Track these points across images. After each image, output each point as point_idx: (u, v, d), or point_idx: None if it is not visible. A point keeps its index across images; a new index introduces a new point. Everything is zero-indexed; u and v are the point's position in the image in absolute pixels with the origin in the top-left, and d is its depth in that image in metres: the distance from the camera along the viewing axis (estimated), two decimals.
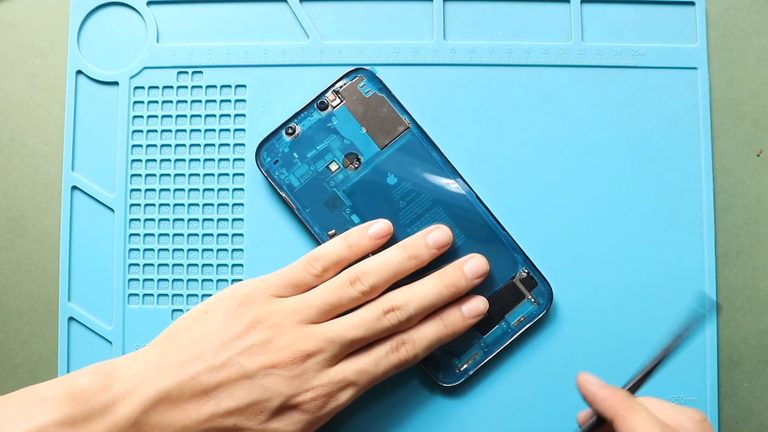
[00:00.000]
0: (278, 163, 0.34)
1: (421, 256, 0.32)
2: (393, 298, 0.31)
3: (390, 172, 0.34)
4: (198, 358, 0.29)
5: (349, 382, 0.30)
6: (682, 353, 0.34)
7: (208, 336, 0.29)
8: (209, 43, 0.36)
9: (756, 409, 0.35)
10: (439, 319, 0.32)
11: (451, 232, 0.33)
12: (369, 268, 0.31)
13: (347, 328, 0.30)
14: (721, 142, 0.36)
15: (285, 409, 0.29)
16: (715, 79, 0.36)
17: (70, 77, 0.36)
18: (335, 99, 0.34)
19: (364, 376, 0.30)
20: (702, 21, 0.36)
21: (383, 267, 0.31)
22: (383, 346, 0.31)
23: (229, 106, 0.36)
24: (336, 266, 0.31)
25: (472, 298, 0.32)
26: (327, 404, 0.29)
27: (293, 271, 0.31)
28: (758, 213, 0.36)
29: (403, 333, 0.31)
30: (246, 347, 0.29)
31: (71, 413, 0.27)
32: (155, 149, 0.35)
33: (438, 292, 0.31)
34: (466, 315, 0.32)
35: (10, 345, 0.35)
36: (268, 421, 0.29)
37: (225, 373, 0.28)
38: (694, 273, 0.35)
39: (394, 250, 0.32)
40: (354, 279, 0.31)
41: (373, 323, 0.30)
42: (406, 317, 0.30)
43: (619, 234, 0.35)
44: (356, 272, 0.31)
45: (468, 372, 0.33)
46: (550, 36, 0.36)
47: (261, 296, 0.30)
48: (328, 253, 0.32)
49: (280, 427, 0.29)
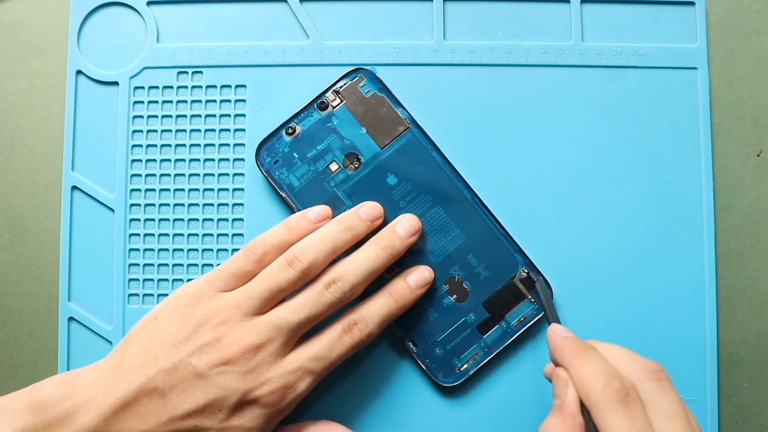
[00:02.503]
0: (278, 163, 0.34)
1: (356, 228, 0.32)
2: (332, 272, 0.30)
3: (390, 172, 0.34)
4: (151, 363, 0.29)
5: (305, 370, 0.29)
6: (682, 353, 0.34)
7: (159, 341, 0.29)
8: (209, 43, 0.36)
9: (756, 409, 0.35)
10: (386, 293, 0.32)
11: (381, 206, 0.33)
12: (305, 246, 0.31)
13: (291, 311, 0.30)
14: (721, 142, 0.36)
15: (243, 405, 0.29)
16: (715, 79, 0.36)
17: (70, 77, 0.36)
18: (335, 99, 0.34)
19: (319, 363, 0.30)
20: (702, 21, 0.36)
21: (319, 242, 0.31)
22: (335, 328, 0.30)
23: (229, 106, 0.36)
24: (276, 249, 0.31)
25: (416, 268, 0.33)
26: (286, 395, 0.29)
27: (234, 261, 0.31)
28: (758, 213, 0.36)
29: (353, 313, 0.31)
30: (196, 348, 0.29)
31: (32, 423, 0.27)
32: (155, 149, 0.35)
33: (375, 255, 0.31)
34: (413, 286, 0.32)
35: (10, 345, 0.35)
36: (228, 419, 0.28)
37: (178, 375, 0.28)
38: (694, 273, 0.35)
39: (330, 225, 0.32)
40: (291, 259, 0.30)
41: (316, 300, 0.30)
42: (350, 287, 0.30)
43: (619, 234, 0.35)
44: (293, 252, 0.30)
45: (468, 372, 0.33)
46: (550, 36, 0.36)
47: (206, 294, 0.30)
48: (267, 237, 0.31)
49: (241, 423, 0.29)
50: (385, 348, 0.34)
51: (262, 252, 0.31)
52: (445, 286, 0.34)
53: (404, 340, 0.34)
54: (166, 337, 0.29)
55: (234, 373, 0.29)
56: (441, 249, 0.34)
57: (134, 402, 0.28)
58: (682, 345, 0.34)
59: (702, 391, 0.34)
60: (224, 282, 0.30)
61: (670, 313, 0.34)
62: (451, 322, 0.34)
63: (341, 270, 0.31)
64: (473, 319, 0.34)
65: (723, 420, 0.34)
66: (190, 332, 0.29)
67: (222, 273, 0.31)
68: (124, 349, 0.30)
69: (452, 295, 0.34)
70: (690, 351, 0.34)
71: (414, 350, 0.34)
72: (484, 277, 0.34)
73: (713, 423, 0.34)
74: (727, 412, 0.35)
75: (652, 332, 0.34)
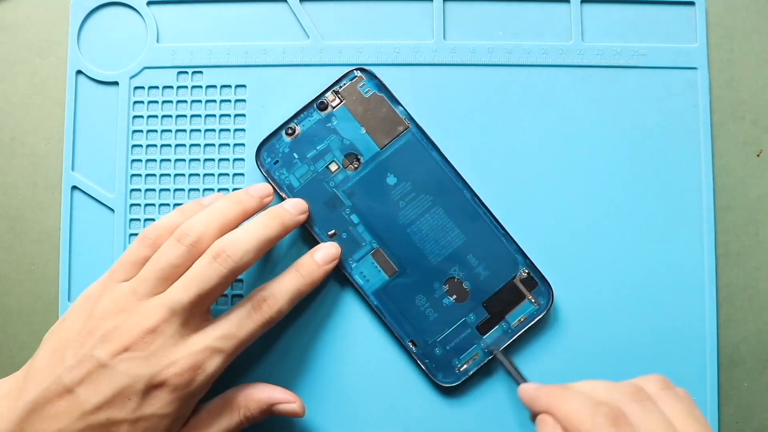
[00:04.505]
0: (278, 164, 0.34)
1: (245, 201, 0.32)
2: (219, 242, 0.30)
3: (390, 172, 0.34)
4: (58, 363, 0.29)
5: (213, 349, 0.29)
6: (682, 353, 0.34)
7: (65, 340, 0.29)
8: (209, 43, 0.36)
9: (756, 409, 0.35)
10: (294, 270, 0.32)
11: (270, 186, 0.33)
12: (193, 221, 0.30)
13: (181, 289, 0.29)
14: (721, 142, 0.36)
15: (151, 390, 0.28)
16: (715, 79, 0.36)
17: (70, 77, 0.36)
18: (335, 99, 0.34)
19: (228, 341, 0.29)
20: (702, 21, 0.36)
21: (207, 217, 0.31)
22: (244, 306, 0.30)
23: (229, 106, 0.36)
24: (169, 232, 0.31)
25: (323, 245, 0.33)
26: (195, 377, 0.29)
27: (129, 250, 0.31)
28: (758, 213, 0.36)
29: (262, 290, 0.31)
30: (98, 339, 0.29)
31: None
32: (155, 149, 0.35)
33: (264, 223, 0.31)
34: (320, 262, 0.32)
35: (10, 345, 0.35)
36: (139, 408, 0.28)
37: (83, 368, 0.28)
38: (694, 273, 0.35)
39: (219, 200, 0.32)
40: (180, 235, 0.30)
41: (204, 274, 0.29)
42: (239, 256, 0.30)
43: (619, 234, 0.35)
44: (182, 229, 0.30)
45: (468, 372, 0.33)
46: (550, 36, 0.36)
47: (106, 287, 0.30)
48: (160, 222, 0.31)
49: (154, 411, 0.28)
50: (385, 348, 0.34)
51: (156, 235, 0.31)
52: (445, 286, 0.34)
53: (404, 340, 0.34)
54: (70, 335, 0.29)
55: (136, 359, 0.28)
56: (441, 249, 0.34)
57: (45, 403, 0.28)
58: (682, 345, 0.34)
59: (702, 391, 0.34)
60: (123, 272, 0.30)
61: (670, 313, 0.34)
62: (451, 322, 0.34)
63: (228, 240, 0.30)
64: (473, 319, 0.34)
65: (723, 420, 0.34)
66: (93, 326, 0.29)
67: (120, 264, 0.31)
68: (36, 357, 0.29)
69: (452, 295, 0.34)
70: (690, 351, 0.34)
71: (414, 350, 0.34)
72: (484, 277, 0.34)
73: (713, 423, 0.34)
74: (727, 412, 0.35)
75: (652, 332, 0.34)
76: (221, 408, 0.30)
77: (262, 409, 0.30)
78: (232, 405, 0.30)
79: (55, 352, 0.29)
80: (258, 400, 0.31)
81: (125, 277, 0.30)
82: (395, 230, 0.34)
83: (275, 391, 0.31)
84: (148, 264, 0.30)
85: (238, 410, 0.30)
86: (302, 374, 0.34)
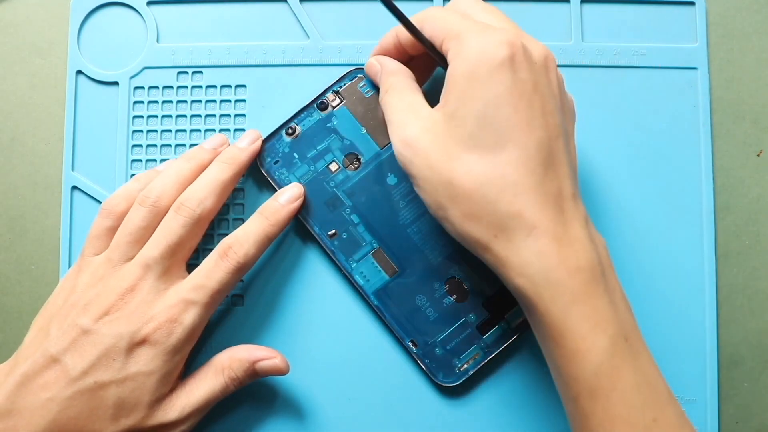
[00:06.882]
0: (278, 163, 0.34)
1: (199, 156, 0.33)
2: (180, 197, 0.31)
3: (390, 172, 0.34)
4: (45, 337, 0.30)
5: (187, 301, 0.30)
6: (682, 353, 0.34)
7: (50, 317, 0.31)
8: (209, 43, 0.36)
9: (756, 409, 0.35)
10: (258, 214, 0.32)
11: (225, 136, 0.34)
12: (153, 184, 0.32)
13: (151, 246, 0.31)
14: (721, 142, 0.36)
15: (134, 348, 0.29)
16: (715, 79, 0.36)
17: (70, 77, 0.36)
18: (335, 99, 0.34)
19: (201, 292, 0.30)
20: (702, 21, 0.36)
21: (164, 177, 0.32)
22: (211, 257, 0.31)
23: (229, 106, 0.36)
24: (127, 200, 0.32)
25: (286, 188, 0.33)
26: (173, 330, 0.30)
27: (93, 226, 0.32)
28: (758, 213, 0.36)
29: (227, 238, 0.31)
30: (81, 308, 0.30)
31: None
32: (155, 149, 0.35)
33: (217, 168, 0.32)
34: (283, 203, 0.33)
35: (10, 345, 0.35)
36: (124, 367, 0.29)
37: (68, 337, 0.29)
38: (694, 273, 0.35)
39: (174, 161, 0.33)
40: (141, 199, 0.31)
41: (170, 227, 0.31)
42: (197, 203, 0.31)
43: (618, 234, 0.35)
44: (143, 193, 0.32)
45: (468, 372, 0.33)
46: (550, 36, 0.36)
47: (82, 264, 0.31)
48: (117, 191, 0.33)
49: (139, 368, 0.29)
50: (385, 348, 0.34)
51: (112, 204, 0.32)
52: (445, 286, 0.34)
53: (404, 340, 0.34)
54: (54, 311, 0.31)
55: (117, 320, 0.29)
56: (441, 249, 0.34)
57: (34, 375, 0.29)
58: (682, 345, 0.34)
59: (702, 391, 0.34)
60: (92, 247, 0.32)
61: (670, 313, 0.34)
62: (451, 322, 0.34)
63: (187, 192, 0.32)
64: (473, 319, 0.34)
65: (723, 420, 0.34)
66: (75, 299, 0.30)
67: (88, 241, 0.32)
68: (25, 340, 0.31)
69: (452, 295, 0.34)
70: (690, 351, 0.34)
71: (414, 350, 0.34)
72: (484, 277, 0.34)
73: (713, 423, 0.34)
74: (727, 412, 0.35)
75: (652, 332, 0.34)
76: (206, 372, 0.31)
77: (245, 369, 0.31)
78: (216, 368, 0.31)
79: (41, 330, 0.30)
80: (240, 359, 0.31)
81: (96, 251, 0.32)
82: (395, 230, 0.34)
83: (257, 349, 0.32)
84: (117, 232, 0.31)
85: (222, 372, 0.31)
86: (302, 374, 0.34)
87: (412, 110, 0.29)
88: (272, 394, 0.34)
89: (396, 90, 0.30)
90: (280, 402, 0.34)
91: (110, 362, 0.29)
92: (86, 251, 0.32)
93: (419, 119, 0.28)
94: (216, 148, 0.34)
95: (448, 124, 0.27)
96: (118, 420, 0.29)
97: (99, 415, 0.29)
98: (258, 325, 0.34)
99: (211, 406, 0.31)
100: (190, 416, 0.30)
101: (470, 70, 0.27)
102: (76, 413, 0.28)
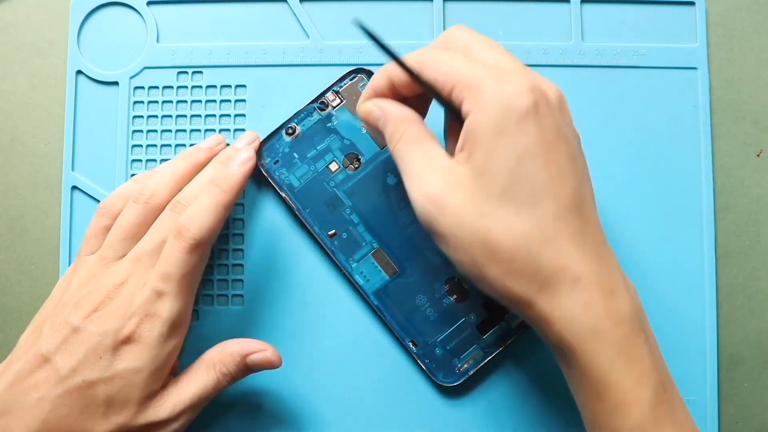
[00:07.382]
0: (278, 163, 0.34)
1: (194, 156, 0.33)
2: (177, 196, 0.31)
3: (390, 172, 0.34)
4: (38, 336, 0.30)
5: (157, 292, 0.29)
6: (682, 353, 0.34)
7: (44, 316, 0.31)
8: (209, 43, 0.36)
9: (756, 409, 0.35)
10: (208, 183, 0.32)
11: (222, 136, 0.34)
12: (148, 182, 0.32)
13: (144, 241, 0.31)
14: (721, 142, 0.36)
15: (120, 345, 0.29)
16: (715, 79, 0.36)
17: (70, 77, 0.36)
18: (335, 99, 0.34)
19: (167, 280, 0.29)
20: (702, 21, 0.36)
21: (159, 175, 0.32)
22: (168, 241, 0.30)
23: (229, 106, 0.36)
24: (123, 199, 0.32)
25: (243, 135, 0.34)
26: (153, 325, 0.29)
27: (90, 225, 0.32)
28: (758, 213, 0.36)
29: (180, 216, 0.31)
30: (72, 307, 0.30)
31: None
32: (155, 149, 0.35)
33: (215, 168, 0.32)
34: (231, 165, 0.32)
35: (10, 345, 0.35)
36: (111, 365, 0.29)
37: (59, 336, 0.29)
38: (694, 273, 0.35)
39: (173, 159, 0.33)
40: (136, 197, 0.32)
41: (164, 224, 0.31)
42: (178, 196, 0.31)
43: (618, 234, 0.35)
44: (137, 191, 0.32)
45: (468, 372, 0.33)
46: (550, 36, 0.36)
47: (79, 264, 0.32)
48: (114, 192, 0.33)
49: (127, 365, 0.29)
50: (385, 348, 0.34)
51: (110, 204, 0.32)
52: (445, 286, 0.34)
53: (404, 340, 0.34)
54: (48, 311, 0.31)
55: (104, 317, 0.29)
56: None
57: (25, 375, 0.29)
58: (682, 345, 0.34)
59: (702, 391, 0.34)
60: (88, 247, 0.32)
61: (670, 313, 0.34)
62: (451, 322, 0.34)
63: (183, 192, 0.32)
64: (473, 319, 0.34)
65: (723, 420, 0.34)
66: (68, 298, 0.30)
67: (84, 241, 0.32)
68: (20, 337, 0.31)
69: (452, 295, 0.34)
70: (690, 351, 0.34)
71: (414, 350, 0.34)
72: None
73: (713, 423, 0.34)
74: (727, 412, 0.35)
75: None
76: (197, 369, 0.31)
77: (237, 363, 0.31)
78: (207, 364, 0.31)
79: (35, 329, 0.30)
80: (231, 353, 0.31)
81: (92, 250, 0.32)
82: (396, 230, 0.34)
83: (248, 342, 0.31)
84: (111, 230, 0.31)
85: (213, 368, 0.31)
86: (302, 374, 0.34)
87: (433, 163, 0.27)
88: (272, 394, 0.34)
89: (411, 140, 0.28)
90: (280, 402, 0.34)
91: (97, 360, 0.29)
92: (83, 251, 0.32)
93: (443, 173, 0.27)
94: (212, 148, 0.34)
95: (477, 180, 0.26)
96: (108, 418, 0.29)
97: (90, 413, 0.29)
98: (258, 325, 0.34)
99: (204, 404, 0.31)
100: (182, 414, 0.30)
101: (496, 123, 0.25)
102: (68, 412, 0.28)
